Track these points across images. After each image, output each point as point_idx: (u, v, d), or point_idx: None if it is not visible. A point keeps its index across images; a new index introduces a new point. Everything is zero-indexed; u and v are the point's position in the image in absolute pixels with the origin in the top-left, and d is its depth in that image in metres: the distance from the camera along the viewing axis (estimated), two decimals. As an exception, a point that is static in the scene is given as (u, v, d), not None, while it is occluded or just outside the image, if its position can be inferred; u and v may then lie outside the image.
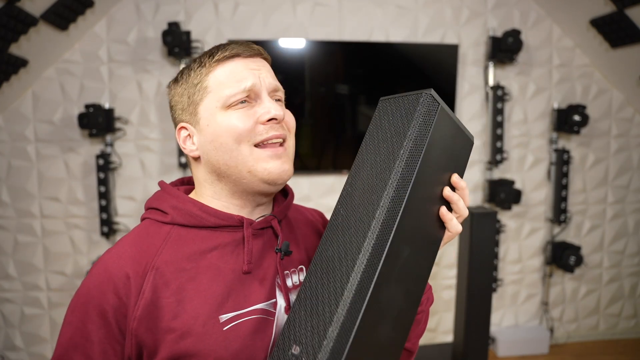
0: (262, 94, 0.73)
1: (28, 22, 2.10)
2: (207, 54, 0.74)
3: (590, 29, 2.71)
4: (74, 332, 0.65)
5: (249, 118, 0.71)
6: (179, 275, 0.67)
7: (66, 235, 2.67)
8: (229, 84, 0.71)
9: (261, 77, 0.73)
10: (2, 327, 2.70)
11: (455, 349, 2.29)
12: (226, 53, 0.73)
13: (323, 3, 2.68)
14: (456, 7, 2.77)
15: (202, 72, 0.74)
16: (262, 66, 0.75)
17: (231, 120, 0.71)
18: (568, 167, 2.90)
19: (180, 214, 0.72)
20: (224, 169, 0.72)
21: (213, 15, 2.62)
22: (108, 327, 0.64)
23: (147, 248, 0.68)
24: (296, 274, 0.75)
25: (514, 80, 2.87)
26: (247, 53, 0.74)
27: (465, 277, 2.16)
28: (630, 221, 3.11)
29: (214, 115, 0.72)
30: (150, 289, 0.65)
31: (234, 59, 0.73)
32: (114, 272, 0.65)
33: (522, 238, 3.01)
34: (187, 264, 0.68)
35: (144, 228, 0.72)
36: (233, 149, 0.70)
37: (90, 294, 0.65)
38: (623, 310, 3.18)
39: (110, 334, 0.64)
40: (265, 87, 0.73)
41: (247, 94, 0.71)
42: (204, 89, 0.73)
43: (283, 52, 2.63)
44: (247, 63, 0.74)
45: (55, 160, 2.63)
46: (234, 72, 0.72)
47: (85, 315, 0.65)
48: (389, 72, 2.75)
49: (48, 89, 2.57)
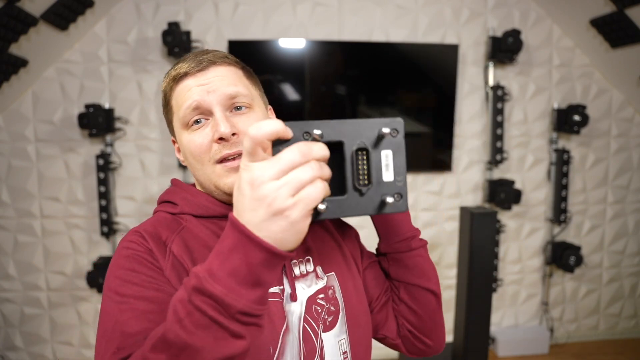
0: (214, 109, 0.71)
1: (28, 22, 2.10)
2: (169, 71, 0.76)
3: (590, 29, 2.71)
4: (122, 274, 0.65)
5: (205, 138, 0.71)
6: (194, 254, 0.69)
7: (66, 235, 2.67)
8: (181, 105, 0.72)
9: (210, 91, 0.71)
10: (2, 327, 2.70)
11: (455, 349, 2.29)
12: (175, 73, 0.73)
13: (323, 3, 2.68)
14: (456, 7, 2.77)
15: (167, 91, 0.76)
16: (214, 77, 0.72)
17: (190, 141, 0.72)
18: (568, 167, 2.90)
19: (188, 204, 0.75)
20: (201, 182, 0.76)
21: (213, 15, 2.62)
22: (149, 264, 0.66)
23: (162, 231, 0.70)
24: (303, 264, 0.76)
25: (514, 80, 2.87)
26: (195, 69, 0.72)
27: (465, 277, 2.16)
28: (630, 221, 3.11)
29: (180, 136, 0.75)
30: (171, 260, 0.67)
31: (185, 78, 0.73)
32: (141, 234, 0.69)
33: (522, 238, 3.01)
34: (200, 248, 0.70)
35: (158, 218, 0.75)
36: (198, 168, 0.73)
37: (125, 249, 0.67)
38: (623, 310, 3.18)
39: (154, 266, 0.66)
40: (217, 100, 0.71)
41: (196, 113, 0.71)
42: (170, 109, 0.76)
43: (283, 52, 2.63)
44: (197, 79, 0.72)
45: (55, 160, 2.63)
46: (183, 92, 0.72)
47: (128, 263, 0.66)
48: (389, 72, 2.75)
49: (48, 89, 2.57)
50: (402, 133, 0.52)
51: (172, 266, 0.66)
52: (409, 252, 0.79)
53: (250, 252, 0.46)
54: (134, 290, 0.62)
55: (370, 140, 0.52)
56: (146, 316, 0.59)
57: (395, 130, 0.52)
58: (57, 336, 2.72)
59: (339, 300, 0.77)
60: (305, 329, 0.72)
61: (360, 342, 0.79)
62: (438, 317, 0.82)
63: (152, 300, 0.61)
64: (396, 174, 0.52)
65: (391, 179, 0.52)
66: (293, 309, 0.71)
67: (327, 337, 0.73)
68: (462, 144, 2.89)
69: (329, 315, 0.75)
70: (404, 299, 0.81)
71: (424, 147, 2.86)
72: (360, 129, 0.52)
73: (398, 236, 0.79)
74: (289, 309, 0.71)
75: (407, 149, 0.53)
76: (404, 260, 0.80)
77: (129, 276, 0.63)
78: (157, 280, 0.64)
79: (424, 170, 2.87)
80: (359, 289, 0.82)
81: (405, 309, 0.82)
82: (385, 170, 0.52)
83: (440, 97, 2.81)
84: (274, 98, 2.65)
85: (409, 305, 0.81)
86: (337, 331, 0.75)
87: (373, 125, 0.52)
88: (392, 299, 0.84)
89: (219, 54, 0.75)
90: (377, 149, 0.52)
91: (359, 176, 0.51)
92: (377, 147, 0.52)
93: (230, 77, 0.74)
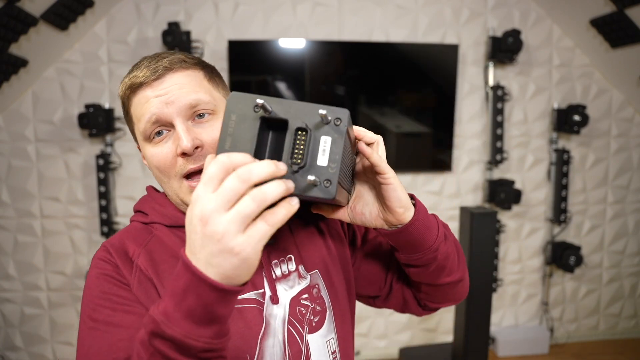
0: (174, 121, 0.67)
1: (28, 22, 2.10)
2: (125, 77, 0.71)
3: (590, 29, 2.71)
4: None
5: (168, 152, 0.68)
6: (161, 267, 0.68)
7: (66, 235, 2.67)
8: (139, 117, 0.68)
9: (169, 102, 0.66)
10: (2, 327, 2.70)
11: (455, 349, 2.29)
12: (130, 82, 0.69)
13: (323, 3, 2.68)
14: (456, 7, 2.77)
15: (124, 100, 0.71)
16: (172, 85, 0.67)
17: (153, 155, 0.69)
18: (568, 167, 2.90)
19: (158, 214, 0.74)
20: (168, 194, 0.74)
21: (213, 15, 2.62)
22: (117, 282, 0.67)
23: (129, 245, 0.70)
24: (285, 263, 0.74)
25: (514, 80, 2.87)
26: (152, 78, 0.67)
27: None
28: (630, 221, 3.11)
29: (143, 148, 0.72)
30: (138, 275, 0.67)
31: (142, 89, 0.68)
32: (108, 250, 0.69)
33: (522, 238, 3.01)
34: (166, 258, 0.69)
35: (129, 229, 0.75)
36: (165, 181, 0.71)
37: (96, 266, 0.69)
38: (623, 310, 3.18)
39: (122, 284, 0.67)
40: (177, 111, 0.66)
41: (157, 126, 0.67)
42: (130, 118, 0.73)
43: (283, 52, 2.63)
44: (154, 89, 0.67)
45: (55, 160, 2.63)
46: (141, 104, 0.68)
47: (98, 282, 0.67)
48: (389, 72, 2.75)
49: (48, 89, 2.57)
50: (346, 123, 0.53)
51: (138, 282, 0.66)
52: (433, 262, 0.71)
53: (203, 292, 0.46)
54: (104, 315, 0.62)
55: (313, 123, 0.53)
56: (116, 345, 0.60)
57: (338, 119, 0.53)
58: (57, 336, 2.72)
59: (324, 299, 0.75)
60: (290, 332, 0.70)
61: (347, 338, 0.78)
62: (460, 290, 0.79)
63: (121, 324, 0.61)
64: (331, 161, 0.53)
65: (324, 164, 0.52)
66: (276, 312, 0.70)
67: (313, 338, 0.72)
68: (462, 144, 2.89)
69: (314, 316, 0.73)
70: (424, 290, 0.78)
71: (424, 147, 2.87)
72: (307, 111, 0.53)
73: (421, 252, 0.69)
74: (271, 313, 0.70)
75: (347, 141, 0.55)
76: (429, 268, 0.72)
77: (99, 299, 0.64)
78: (126, 299, 0.64)
79: (424, 170, 2.87)
80: (346, 282, 0.80)
81: (426, 296, 0.79)
82: (321, 155, 0.53)
83: (440, 97, 2.81)
84: (274, 98, 2.65)
85: (430, 295, 0.78)
86: (324, 331, 0.74)
87: (319, 109, 0.53)
88: (409, 285, 0.81)
89: (175, 58, 0.69)
90: (318, 133, 0.53)
91: (294, 154, 0.52)
92: (318, 131, 0.53)
93: (189, 83, 0.68)
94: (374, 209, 0.67)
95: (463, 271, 0.77)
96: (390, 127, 2.77)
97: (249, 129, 0.53)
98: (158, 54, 0.70)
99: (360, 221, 0.68)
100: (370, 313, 2.90)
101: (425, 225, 0.67)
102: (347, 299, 0.79)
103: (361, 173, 0.68)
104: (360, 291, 0.85)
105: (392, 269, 0.82)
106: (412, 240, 0.67)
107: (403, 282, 0.81)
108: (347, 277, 0.81)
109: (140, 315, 0.62)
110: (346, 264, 0.81)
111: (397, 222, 0.65)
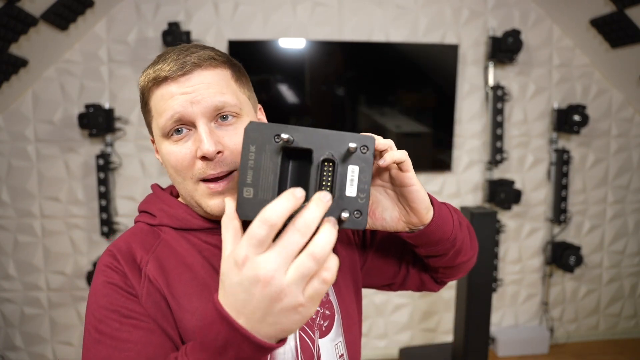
0: (197, 122, 0.64)
1: (28, 22, 2.10)
2: (149, 68, 0.67)
3: (590, 29, 2.71)
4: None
5: (187, 152, 0.65)
6: (171, 275, 0.66)
7: (66, 235, 2.67)
8: (161, 112, 0.65)
9: (194, 102, 0.63)
10: (2, 327, 2.70)
11: (455, 349, 2.29)
12: (154, 74, 0.65)
13: (323, 3, 2.68)
14: (456, 7, 2.77)
15: (145, 91, 0.68)
16: (199, 84, 0.64)
17: (170, 153, 0.66)
18: (568, 167, 2.90)
19: (167, 216, 0.71)
20: (181, 194, 0.71)
21: (213, 15, 2.62)
22: (125, 293, 0.64)
23: (137, 250, 0.67)
24: None
25: (514, 80, 2.87)
26: (178, 73, 0.64)
27: (465, 277, 2.16)
28: (630, 221, 3.11)
29: (160, 143, 0.69)
30: (147, 286, 0.65)
31: (166, 83, 0.64)
32: (115, 256, 0.66)
33: (522, 238, 3.01)
34: (177, 265, 0.67)
35: (135, 231, 0.72)
36: (179, 182, 0.68)
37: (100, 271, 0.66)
38: (623, 310, 3.18)
39: (130, 295, 0.65)
40: (202, 112, 0.63)
41: (178, 124, 0.64)
42: (148, 111, 0.69)
43: (283, 52, 2.63)
44: (180, 85, 0.64)
45: (55, 160, 2.63)
46: (164, 99, 0.64)
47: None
48: (389, 72, 2.75)
49: (48, 89, 2.57)
50: (372, 150, 0.52)
51: (147, 293, 0.64)
52: (451, 249, 0.73)
53: (246, 348, 0.46)
54: (110, 328, 0.60)
55: (339, 153, 0.51)
56: None
57: (365, 147, 0.52)
58: (57, 336, 2.72)
59: (333, 303, 0.75)
60: (302, 338, 0.70)
61: (355, 341, 0.78)
62: (472, 262, 0.82)
63: (129, 340, 0.60)
64: (359, 190, 0.51)
65: (354, 195, 0.51)
66: None
67: (323, 342, 0.72)
68: (462, 144, 2.89)
69: (324, 320, 0.73)
70: (441, 271, 0.81)
71: (424, 147, 2.87)
72: (331, 140, 0.51)
73: (440, 245, 0.71)
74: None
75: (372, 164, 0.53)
76: (447, 255, 0.74)
77: (106, 310, 0.62)
78: (133, 312, 0.62)
79: (424, 170, 2.87)
80: (354, 285, 0.80)
81: (442, 275, 0.82)
82: (349, 185, 0.51)
83: (440, 97, 2.81)
84: (273, 98, 2.65)
85: (446, 273, 0.81)
86: (333, 335, 0.74)
87: (344, 138, 0.51)
88: (424, 267, 0.83)
89: (204, 54, 0.66)
90: (345, 163, 0.51)
91: (321, 187, 0.51)
92: (346, 161, 0.51)
93: (217, 83, 0.65)
94: (394, 213, 0.66)
95: (475, 248, 0.81)
96: (390, 127, 2.77)
97: (270, 161, 0.50)
98: (186, 47, 0.67)
99: (381, 226, 0.67)
100: (370, 313, 2.90)
101: (442, 219, 0.68)
102: (354, 302, 0.79)
103: (375, 177, 0.66)
104: (376, 282, 0.86)
105: (406, 256, 0.83)
106: (433, 237, 0.68)
107: (418, 265, 0.82)
108: (355, 280, 0.81)
109: (148, 330, 0.61)
110: (354, 267, 0.81)
111: (420, 223, 0.66)
